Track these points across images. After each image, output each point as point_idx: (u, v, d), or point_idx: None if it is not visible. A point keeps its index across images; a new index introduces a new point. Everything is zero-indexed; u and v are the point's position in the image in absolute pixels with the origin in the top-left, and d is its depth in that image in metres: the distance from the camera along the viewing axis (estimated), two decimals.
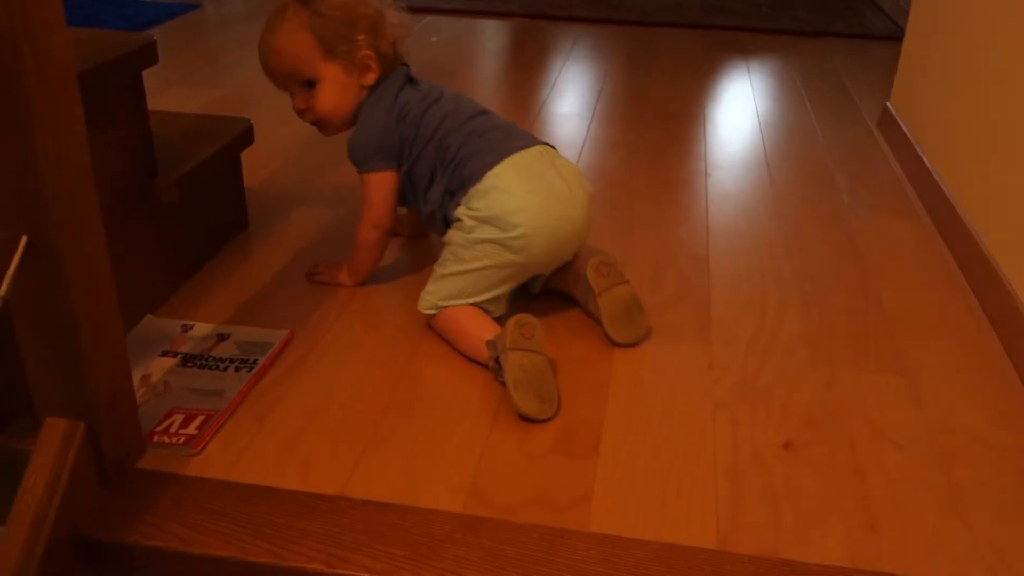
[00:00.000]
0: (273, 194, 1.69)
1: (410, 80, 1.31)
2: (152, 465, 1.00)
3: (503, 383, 1.12)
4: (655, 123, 2.16)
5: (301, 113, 1.30)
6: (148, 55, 1.18)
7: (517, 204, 1.18)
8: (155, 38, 1.20)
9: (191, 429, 1.05)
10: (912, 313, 1.38)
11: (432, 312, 1.23)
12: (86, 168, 0.84)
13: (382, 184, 1.29)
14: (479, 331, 1.18)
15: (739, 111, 2.28)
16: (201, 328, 1.26)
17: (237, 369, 1.17)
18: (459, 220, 1.22)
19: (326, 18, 1.23)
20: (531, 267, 1.23)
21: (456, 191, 1.24)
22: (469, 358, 1.20)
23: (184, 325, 1.27)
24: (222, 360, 1.19)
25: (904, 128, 1.99)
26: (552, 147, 1.29)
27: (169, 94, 2.21)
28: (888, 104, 2.14)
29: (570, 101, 2.30)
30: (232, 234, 1.52)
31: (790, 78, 2.57)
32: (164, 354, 1.20)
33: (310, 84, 1.26)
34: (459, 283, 1.21)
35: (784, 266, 1.50)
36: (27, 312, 0.87)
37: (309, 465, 1.01)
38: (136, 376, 1.14)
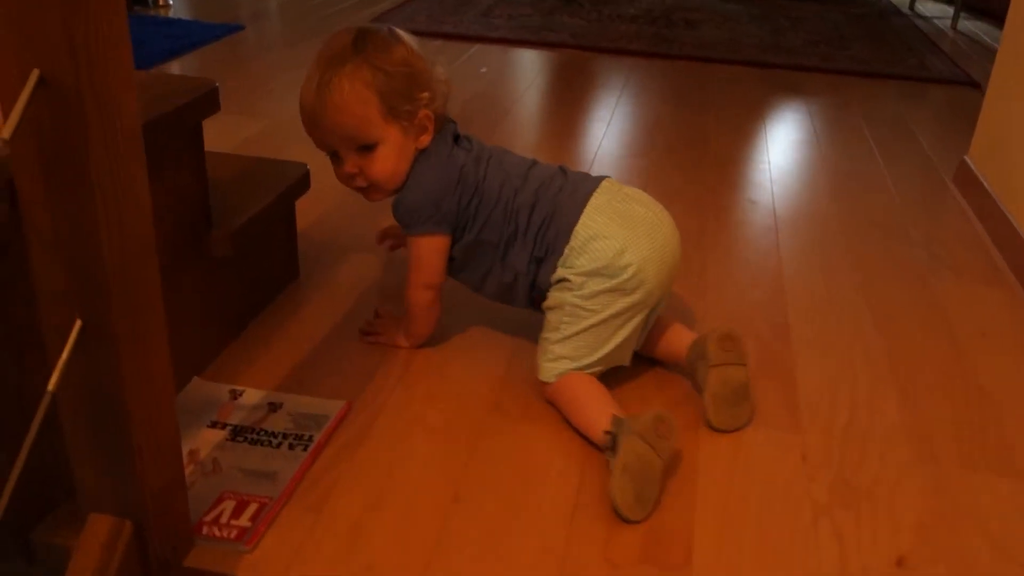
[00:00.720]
0: (323, 240, 1.60)
1: (456, 138, 1.23)
2: (202, 563, 0.91)
3: (609, 463, 1.04)
4: (717, 169, 2.06)
5: (349, 178, 1.19)
6: (210, 103, 1.10)
7: (618, 245, 1.14)
8: (216, 85, 1.11)
9: (244, 520, 0.95)
10: (1016, 400, 1.27)
11: (554, 380, 1.15)
12: (149, 244, 0.76)
13: (435, 246, 1.21)
14: (600, 406, 1.11)
15: (803, 157, 2.18)
16: (252, 395, 1.17)
17: (291, 446, 1.08)
18: (565, 280, 1.16)
19: (390, 75, 1.12)
20: (648, 301, 1.17)
21: (545, 257, 1.18)
22: (578, 432, 1.13)
23: (233, 391, 1.18)
24: (275, 435, 1.09)
25: (986, 185, 1.88)
26: (610, 178, 1.24)
27: (211, 123, 2.13)
28: (966, 158, 2.03)
29: (627, 142, 2.21)
30: (283, 285, 1.43)
31: (854, 123, 2.47)
32: (213, 425, 1.11)
33: (366, 148, 1.16)
34: (585, 339, 1.15)
35: (871, 336, 1.40)
36: (75, 399, 0.79)
37: (372, 570, 0.91)
38: (184, 450, 1.04)
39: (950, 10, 4.03)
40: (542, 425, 1.15)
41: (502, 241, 1.20)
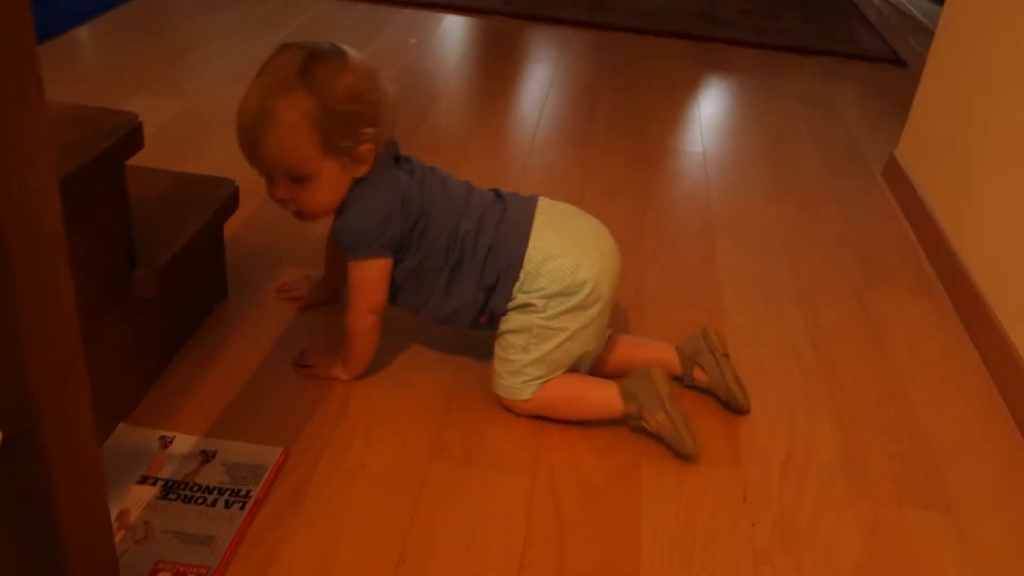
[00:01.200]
0: (251, 248, 1.53)
1: (398, 159, 1.19)
2: None
3: (642, 429, 1.18)
4: (655, 161, 2.04)
5: (280, 202, 1.14)
6: (133, 142, 1.02)
7: (572, 263, 1.16)
8: (141, 120, 1.04)
9: None
10: (944, 425, 1.30)
11: (532, 395, 1.18)
12: (76, 351, 0.70)
13: (377, 270, 1.17)
14: (596, 390, 1.20)
15: (739, 148, 2.18)
16: (182, 442, 1.12)
17: (228, 504, 1.04)
18: (528, 305, 1.17)
19: (333, 112, 1.07)
20: (608, 308, 1.20)
21: (496, 284, 1.18)
22: (588, 421, 1.21)
23: (163, 438, 1.13)
24: (209, 490, 1.05)
25: (914, 184, 1.91)
26: (543, 197, 1.25)
27: (128, 105, 2.01)
28: (895, 152, 2.06)
29: (564, 128, 2.17)
30: (210, 306, 1.37)
31: (787, 106, 2.47)
32: (143, 480, 1.06)
33: (301, 178, 1.11)
34: (558, 354, 1.18)
35: (808, 360, 1.41)
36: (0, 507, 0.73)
37: None
38: (112, 512, 1.00)
39: None
40: (484, 468, 1.14)
41: (447, 267, 1.18)
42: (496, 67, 2.57)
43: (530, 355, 1.17)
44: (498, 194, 1.23)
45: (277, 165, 1.10)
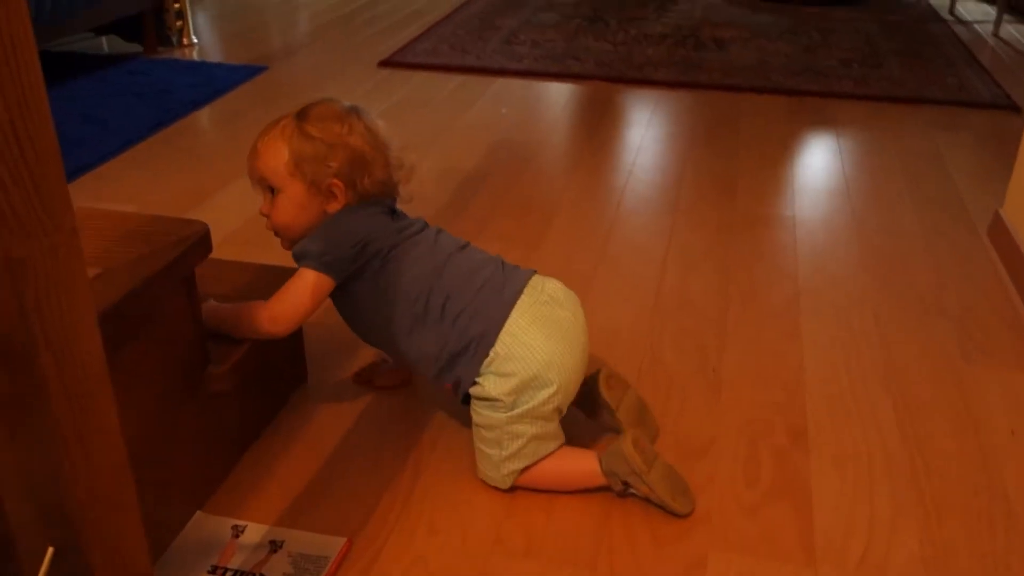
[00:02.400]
0: (331, 329, 1.58)
1: (393, 212, 1.28)
2: None
3: (631, 495, 1.21)
4: (742, 228, 2.01)
5: (264, 216, 1.26)
6: (203, 249, 1.09)
7: (544, 357, 1.17)
8: (208, 228, 1.10)
9: None
10: None
11: (509, 487, 1.23)
12: (123, 471, 0.74)
13: (315, 286, 1.19)
14: (576, 464, 1.22)
15: (832, 211, 2.11)
16: (253, 531, 1.16)
17: None
18: (496, 401, 1.17)
19: (307, 138, 1.20)
20: (568, 399, 1.23)
21: (462, 352, 1.19)
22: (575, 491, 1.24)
23: (235, 527, 1.17)
24: None
25: (1020, 245, 1.80)
26: (536, 272, 1.27)
27: (231, 189, 2.13)
28: (1000, 212, 1.95)
29: (649, 197, 2.16)
30: (290, 391, 1.42)
31: (887, 163, 2.39)
32: (213, 571, 1.11)
33: (273, 192, 1.23)
34: (527, 452, 1.20)
35: (893, 442, 1.35)
36: None
37: None
38: None
39: (992, 12, 3.88)
40: (544, 561, 1.13)
41: (406, 316, 1.21)
42: (586, 133, 2.59)
43: (504, 451, 1.20)
44: (492, 259, 1.27)
45: (255, 173, 1.24)
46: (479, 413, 1.20)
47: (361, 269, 1.21)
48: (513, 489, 1.23)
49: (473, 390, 1.20)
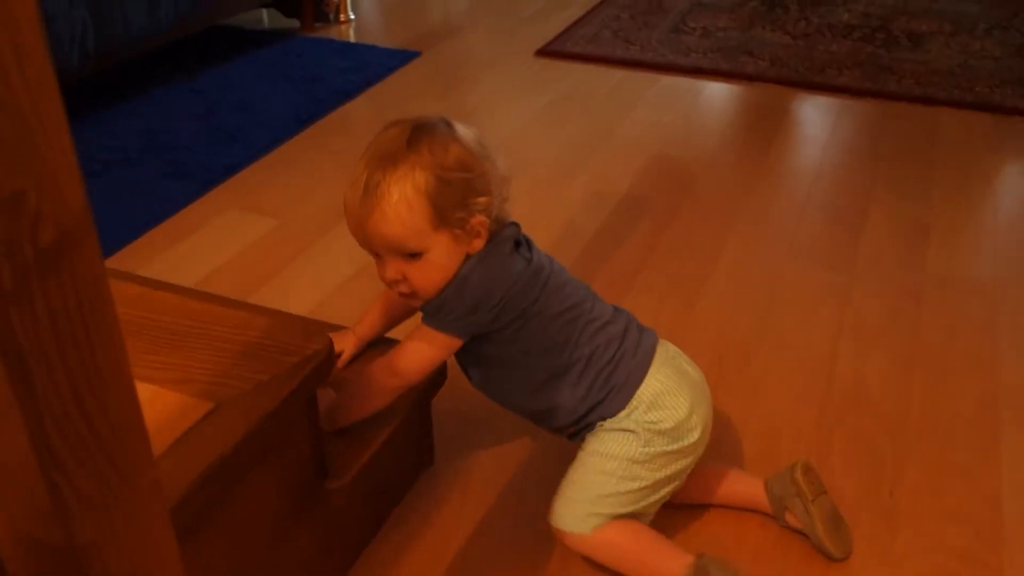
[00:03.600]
0: (461, 405, 1.47)
1: (518, 244, 1.11)
2: None
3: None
4: (932, 295, 1.76)
5: (392, 283, 1.08)
6: (326, 368, 0.98)
7: (688, 405, 1.12)
8: (331, 343, 1.00)
9: None
10: None
11: (591, 532, 1.11)
12: None
13: (445, 347, 1.09)
14: (662, 559, 1.11)
15: None
16: None
17: None
18: (630, 432, 1.11)
19: (444, 181, 1.01)
20: (694, 464, 1.17)
21: (604, 400, 1.12)
22: None
23: None
24: None
25: None
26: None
27: None
28: None
29: (824, 241, 1.93)
30: (416, 475, 1.33)
31: None
32: None
33: (413, 255, 1.04)
34: (630, 497, 1.12)
35: None
36: None
37: None
38: None
39: None
40: None
41: (540, 372, 1.12)
42: (755, 151, 2.35)
43: (608, 488, 1.10)
44: (617, 310, 1.19)
45: (388, 243, 1.03)
46: (596, 442, 1.12)
47: (497, 330, 1.09)
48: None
49: (603, 424, 1.13)
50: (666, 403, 1.11)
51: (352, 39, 3.11)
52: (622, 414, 1.11)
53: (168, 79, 2.65)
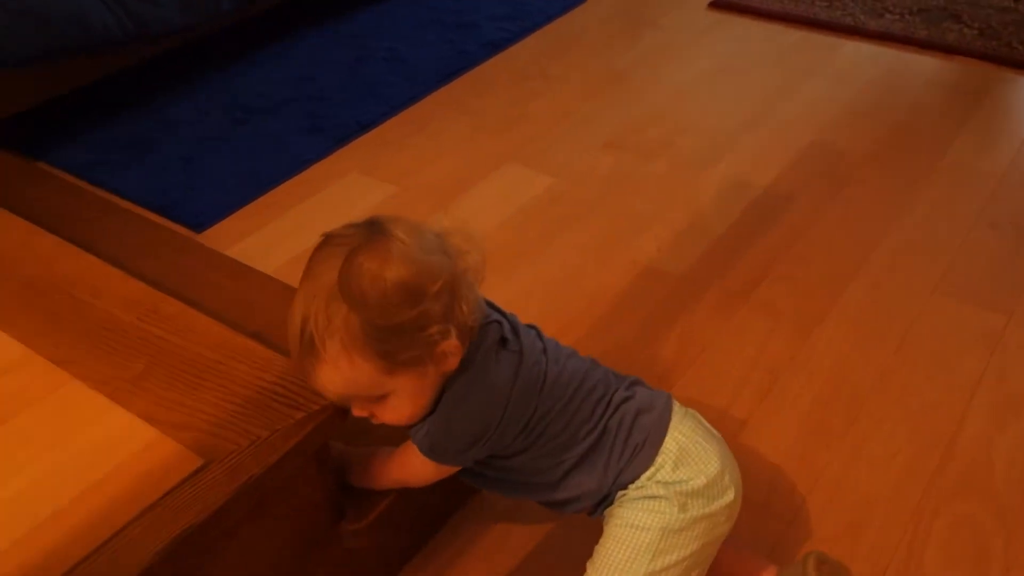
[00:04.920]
0: None
1: (504, 341, 0.97)
2: None
3: None
4: None
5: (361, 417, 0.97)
6: (330, 426, 0.95)
7: (719, 461, 1.01)
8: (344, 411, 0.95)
9: None
10: None
11: None
12: None
13: (442, 473, 1.03)
14: None
15: None
16: None
17: None
18: (660, 498, 0.98)
19: (391, 328, 0.86)
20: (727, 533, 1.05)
21: (625, 467, 1.01)
22: None
23: None
24: None
25: None
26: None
27: (507, 174, 1.98)
28: None
29: (988, 270, 1.67)
30: (461, 502, 1.28)
31: None
32: None
33: (376, 399, 0.94)
34: (675, 572, 0.99)
35: None
36: None
37: None
38: None
39: None
40: None
41: (562, 463, 1.02)
42: (934, 148, 2.05)
43: (644, 567, 0.97)
44: (618, 376, 1.07)
45: (342, 397, 0.93)
46: (631, 511, 1.00)
47: (503, 448, 1.00)
48: None
49: (629, 495, 1.01)
50: (694, 459, 1.00)
51: None
52: (646, 475, 1.00)
53: (321, 23, 2.65)
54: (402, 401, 0.93)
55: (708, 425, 1.07)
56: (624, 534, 1.00)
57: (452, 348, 0.91)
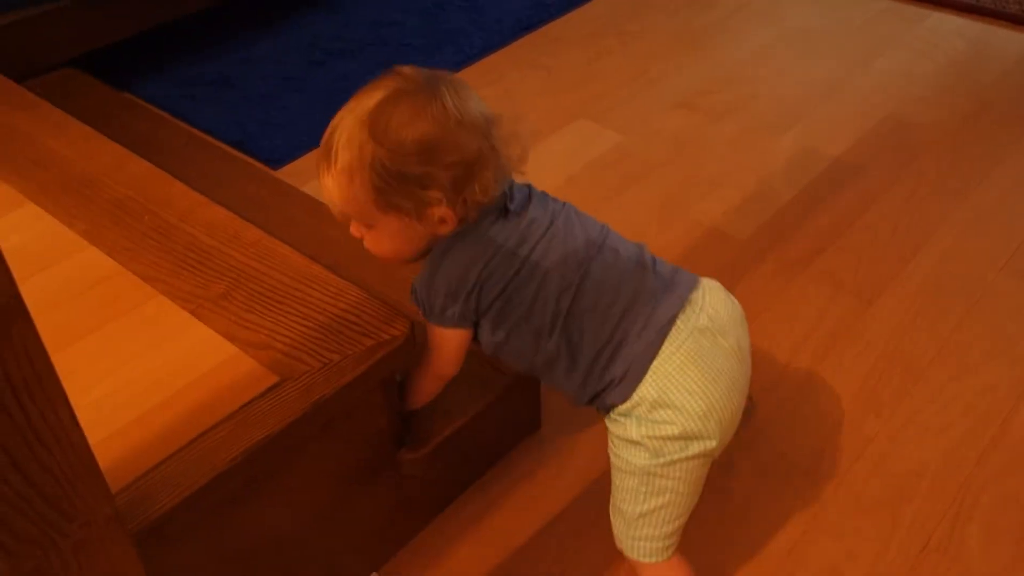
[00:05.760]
0: None
1: (505, 210, 0.97)
2: None
3: None
4: None
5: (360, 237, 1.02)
6: (398, 356, 0.99)
7: (704, 406, 0.94)
8: (411, 330, 1.00)
9: None
10: None
11: (657, 562, 1.02)
12: None
13: (456, 339, 1.01)
14: None
15: None
16: None
17: None
18: (637, 443, 0.96)
19: (394, 172, 0.90)
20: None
21: (604, 391, 0.97)
22: None
23: None
24: None
25: None
26: (700, 281, 1.01)
27: (573, 131, 1.99)
28: None
29: None
30: (516, 440, 1.33)
31: None
32: None
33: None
34: (669, 512, 0.99)
35: None
36: None
37: None
38: None
39: None
40: None
41: (539, 356, 0.99)
42: (1011, 131, 2.01)
43: (640, 506, 0.99)
44: (637, 264, 0.99)
45: (334, 205, 0.96)
46: (617, 454, 1.00)
47: (484, 314, 1.00)
48: None
49: (612, 425, 0.99)
50: (672, 402, 0.93)
51: None
52: (625, 406, 0.96)
53: None
54: (383, 237, 0.97)
55: (721, 334, 0.98)
56: (621, 479, 1.01)
57: (443, 214, 0.93)
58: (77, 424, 0.55)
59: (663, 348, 0.94)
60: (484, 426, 1.21)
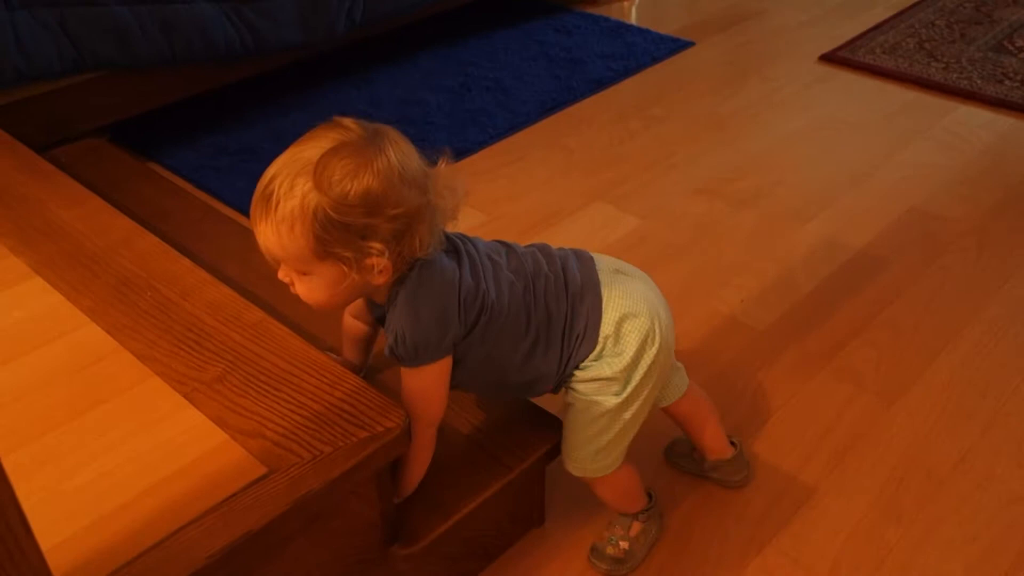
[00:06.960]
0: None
1: (448, 251, 1.03)
2: None
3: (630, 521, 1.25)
4: None
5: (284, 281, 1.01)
6: (393, 449, 0.96)
7: (647, 323, 1.10)
8: (406, 423, 0.97)
9: None
10: None
11: (611, 471, 1.18)
12: None
13: (440, 372, 1.03)
14: (639, 491, 1.26)
15: None
16: None
17: None
18: (606, 380, 1.10)
19: (337, 222, 0.90)
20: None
21: (575, 351, 1.10)
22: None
23: None
24: None
25: None
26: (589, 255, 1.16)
27: (596, 211, 1.98)
28: None
29: None
30: (519, 534, 1.28)
31: None
32: None
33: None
34: (628, 434, 1.16)
35: None
36: None
37: None
38: None
39: None
40: None
41: (519, 352, 1.08)
42: None
43: (607, 436, 1.13)
44: (542, 251, 1.13)
45: (271, 255, 0.96)
46: (584, 398, 1.12)
47: (467, 335, 1.03)
48: None
49: (582, 374, 1.11)
50: (627, 329, 1.09)
51: (633, 19, 2.99)
52: (593, 355, 1.10)
53: (434, 44, 2.72)
54: (318, 285, 0.97)
55: (627, 279, 1.13)
56: (578, 419, 1.14)
57: (381, 266, 0.95)
58: (30, 532, 0.52)
59: (605, 292, 1.10)
60: (483, 520, 1.16)
